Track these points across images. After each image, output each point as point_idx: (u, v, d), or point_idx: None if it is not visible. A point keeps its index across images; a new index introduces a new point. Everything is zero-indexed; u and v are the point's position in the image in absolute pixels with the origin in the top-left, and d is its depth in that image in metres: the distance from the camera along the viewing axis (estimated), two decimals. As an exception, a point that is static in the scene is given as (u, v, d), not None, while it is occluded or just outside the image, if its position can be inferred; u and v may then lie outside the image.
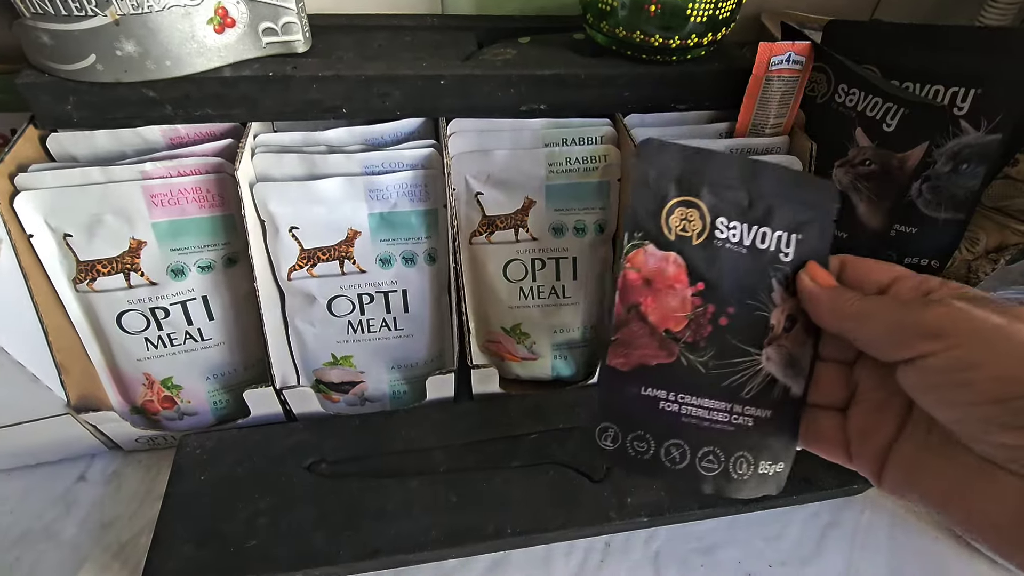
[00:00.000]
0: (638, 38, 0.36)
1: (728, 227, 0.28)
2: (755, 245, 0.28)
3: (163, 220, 0.34)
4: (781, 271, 0.28)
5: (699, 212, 0.28)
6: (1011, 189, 0.39)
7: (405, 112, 0.37)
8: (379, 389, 0.41)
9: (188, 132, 0.36)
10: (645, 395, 0.28)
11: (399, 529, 0.33)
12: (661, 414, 0.28)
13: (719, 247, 0.28)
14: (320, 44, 0.37)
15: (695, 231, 0.28)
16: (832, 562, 0.36)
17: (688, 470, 0.28)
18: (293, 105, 0.35)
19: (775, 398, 0.28)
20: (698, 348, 0.28)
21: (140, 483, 0.38)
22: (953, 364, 0.21)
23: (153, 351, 0.37)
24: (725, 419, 0.28)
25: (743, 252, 0.28)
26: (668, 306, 0.28)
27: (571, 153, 0.38)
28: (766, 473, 0.28)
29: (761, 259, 0.28)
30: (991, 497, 0.20)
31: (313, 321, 0.38)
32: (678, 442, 0.28)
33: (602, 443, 0.29)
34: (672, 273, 0.28)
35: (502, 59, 0.37)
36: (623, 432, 0.28)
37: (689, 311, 0.28)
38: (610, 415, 0.28)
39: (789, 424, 0.28)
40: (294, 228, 0.36)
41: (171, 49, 0.32)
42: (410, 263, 0.38)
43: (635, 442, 0.28)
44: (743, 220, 0.28)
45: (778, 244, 0.28)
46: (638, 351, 0.28)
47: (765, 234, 0.28)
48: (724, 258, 0.28)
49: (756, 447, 0.28)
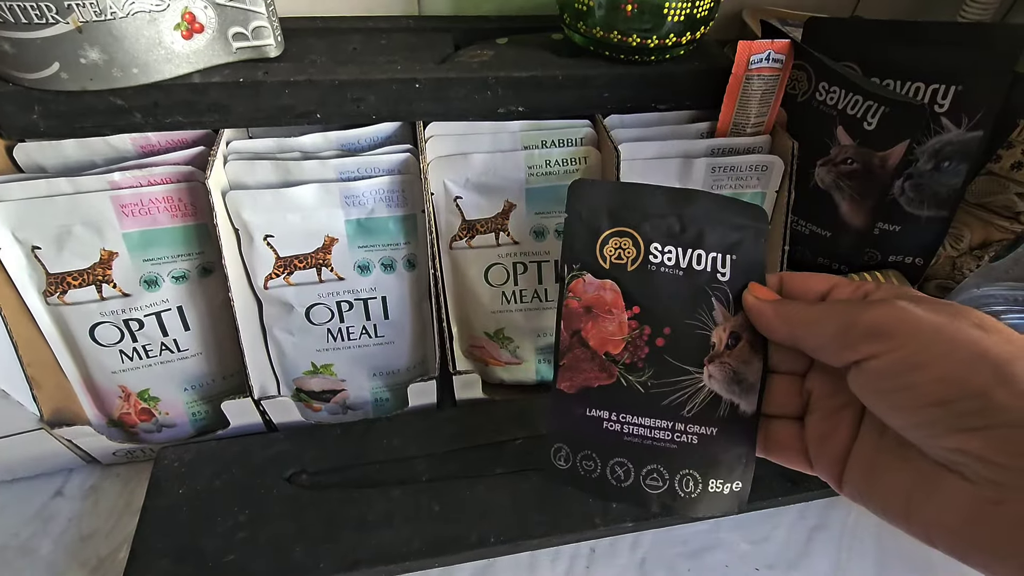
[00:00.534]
0: (616, 38, 0.35)
1: (662, 251, 0.29)
2: (691, 267, 0.29)
3: (134, 230, 0.34)
4: (720, 290, 0.29)
5: (632, 240, 0.30)
6: (994, 185, 0.39)
7: (380, 116, 0.36)
8: (361, 397, 0.41)
9: (159, 140, 0.35)
10: (590, 416, 0.29)
11: (381, 540, 0.33)
12: (605, 433, 0.29)
13: (654, 271, 0.29)
14: (293, 48, 0.36)
15: (629, 258, 0.29)
16: (819, 564, 0.36)
17: (633, 488, 0.29)
18: (265, 111, 0.35)
19: (721, 416, 0.28)
20: (636, 369, 0.29)
21: (118, 497, 0.38)
22: (896, 366, 0.21)
23: (128, 363, 0.36)
24: (668, 437, 0.29)
25: (679, 275, 0.29)
26: (606, 331, 0.29)
27: (551, 155, 0.38)
28: (718, 491, 0.28)
29: (698, 280, 0.29)
30: (943, 500, 0.20)
31: (292, 330, 0.38)
32: (622, 460, 0.29)
33: (556, 463, 0.30)
34: (609, 299, 0.29)
35: (479, 61, 0.37)
36: (573, 452, 0.29)
37: (626, 334, 0.29)
38: (561, 436, 0.29)
39: (740, 441, 0.28)
40: (269, 236, 0.35)
41: (138, 56, 0.31)
42: (389, 269, 0.38)
43: (584, 461, 0.29)
44: (676, 244, 0.29)
45: (714, 264, 0.29)
46: (581, 374, 0.29)
47: (700, 256, 0.29)
48: (659, 281, 0.29)
49: (703, 465, 0.28)
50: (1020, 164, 0.38)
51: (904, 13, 0.48)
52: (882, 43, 0.36)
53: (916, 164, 0.37)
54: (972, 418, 0.19)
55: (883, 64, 0.36)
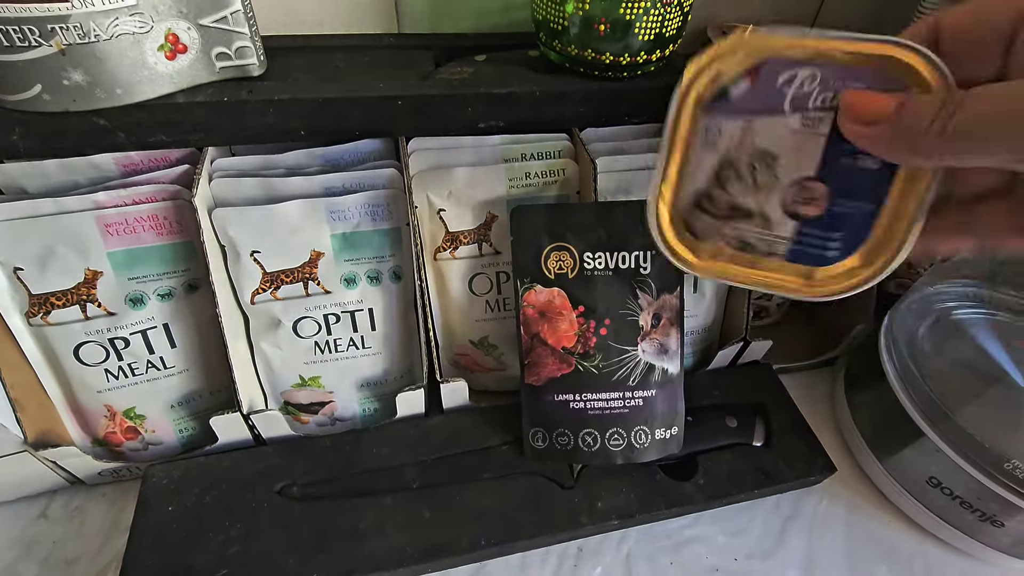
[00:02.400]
0: (590, 56, 0.37)
1: (594, 258, 0.36)
2: (618, 267, 0.36)
3: (119, 249, 0.34)
4: (643, 282, 0.36)
5: (569, 252, 0.36)
6: (943, 190, 0.42)
7: (364, 133, 0.37)
8: (349, 408, 0.41)
9: (142, 159, 0.36)
10: (557, 401, 0.37)
11: (373, 548, 0.34)
12: (572, 412, 0.37)
13: (590, 276, 0.36)
14: (276, 67, 0.37)
15: (568, 267, 0.36)
16: (793, 551, 0.38)
17: (601, 450, 0.36)
18: (250, 129, 0.35)
19: (656, 380, 0.37)
20: (589, 356, 0.36)
21: (104, 517, 0.37)
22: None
23: (114, 382, 0.36)
24: (620, 405, 0.36)
25: (609, 275, 0.36)
26: (560, 329, 0.36)
27: (530, 168, 0.39)
28: (663, 438, 0.37)
29: (625, 277, 0.36)
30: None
31: (279, 344, 0.38)
32: (590, 431, 0.37)
33: (534, 444, 0.38)
34: (558, 303, 0.36)
35: (459, 78, 0.38)
36: (548, 432, 0.37)
37: (576, 329, 0.36)
38: (536, 421, 0.37)
39: (673, 396, 0.37)
40: (255, 252, 0.36)
41: (121, 77, 0.31)
42: (375, 281, 0.38)
43: (559, 438, 0.37)
44: (605, 250, 0.36)
45: (637, 261, 0.36)
46: (545, 368, 0.37)
47: (624, 256, 0.36)
48: (595, 283, 0.36)
49: (649, 420, 0.37)
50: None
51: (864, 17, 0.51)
52: None
53: None
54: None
55: None
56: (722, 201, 0.23)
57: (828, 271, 0.22)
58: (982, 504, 0.36)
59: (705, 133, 0.22)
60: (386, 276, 0.39)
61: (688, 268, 0.24)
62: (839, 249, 0.22)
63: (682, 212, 0.23)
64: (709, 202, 0.23)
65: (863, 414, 0.43)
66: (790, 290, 0.22)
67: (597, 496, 0.36)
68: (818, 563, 0.38)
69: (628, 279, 0.36)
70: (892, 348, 0.41)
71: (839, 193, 0.22)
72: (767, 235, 0.23)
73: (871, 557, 0.38)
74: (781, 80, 0.21)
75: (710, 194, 0.23)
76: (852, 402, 0.44)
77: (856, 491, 0.42)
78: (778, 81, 0.21)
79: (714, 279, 0.24)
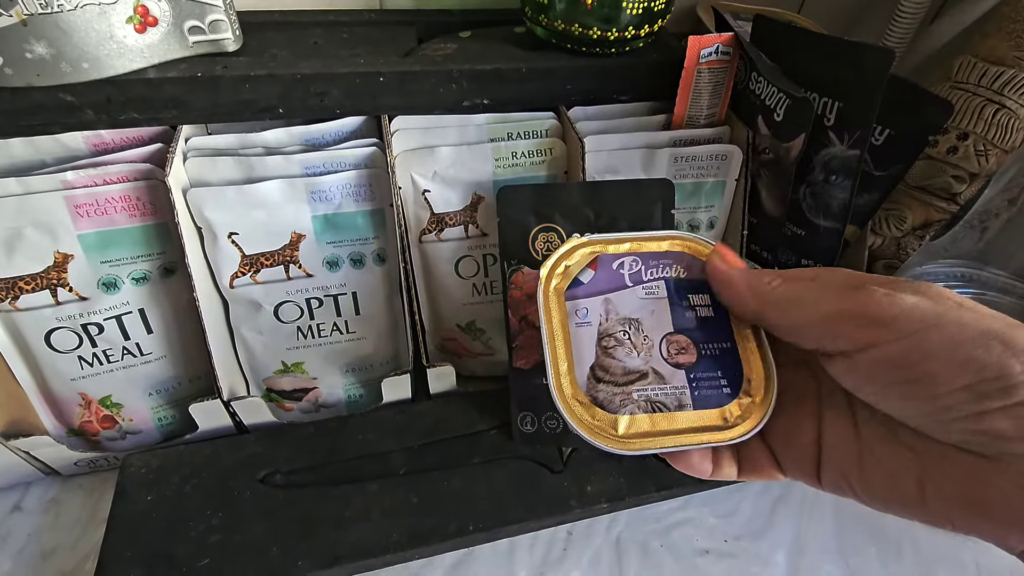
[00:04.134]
0: (576, 31, 0.36)
1: None
2: None
3: (90, 231, 0.33)
4: None
5: (556, 233, 0.35)
6: (933, 169, 0.42)
7: (344, 111, 0.36)
8: (334, 395, 0.41)
9: (113, 138, 0.34)
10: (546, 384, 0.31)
11: (359, 535, 0.33)
12: None
13: None
14: (252, 42, 0.35)
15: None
16: (783, 532, 0.38)
17: None
18: (225, 106, 0.34)
19: None
20: None
21: (81, 508, 0.36)
22: (906, 355, 0.19)
23: (88, 369, 0.35)
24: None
25: None
26: None
27: (517, 147, 0.38)
28: None
29: None
30: (965, 481, 0.19)
31: (260, 329, 0.37)
32: None
33: (523, 428, 0.36)
34: None
35: (442, 54, 0.37)
36: (537, 416, 0.36)
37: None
38: (524, 405, 0.36)
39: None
40: (233, 234, 0.34)
41: (88, 50, 0.30)
42: (359, 264, 0.38)
43: (547, 421, 0.36)
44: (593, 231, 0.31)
45: None
46: (534, 352, 0.35)
47: None
48: None
49: None
50: (955, 148, 0.40)
51: (846, 8, 0.51)
52: (797, 50, 0.36)
53: (813, 173, 0.38)
54: (994, 398, 0.18)
55: (794, 71, 0.36)
56: (615, 368, 0.25)
57: (734, 411, 0.24)
58: (970, 482, 0.35)
59: (575, 315, 0.26)
60: (370, 259, 0.38)
61: (617, 448, 0.24)
62: (729, 386, 0.25)
63: (586, 392, 0.25)
64: (605, 373, 0.25)
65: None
66: (716, 440, 0.24)
67: (586, 480, 0.36)
68: (807, 544, 0.38)
69: None
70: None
71: (698, 339, 0.26)
72: (667, 389, 0.25)
73: (860, 536, 0.38)
74: (615, 265, 0.27)
75: (603, 365, 0.25)
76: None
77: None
78: (613, 266, 0.27)
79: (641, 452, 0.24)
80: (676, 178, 0.40)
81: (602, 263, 0.27)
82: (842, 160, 0.36)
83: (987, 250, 0.43)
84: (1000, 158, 0.40)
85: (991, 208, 0.40)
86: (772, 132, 0.37)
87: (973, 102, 0.39)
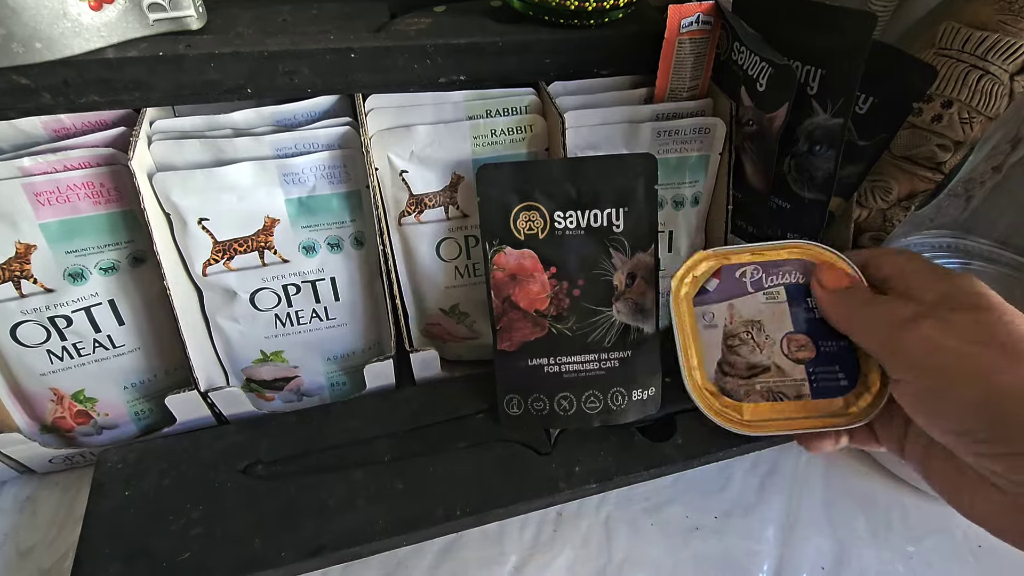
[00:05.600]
0: (554, 2, 0.35)
1: (564, 217, 0.35)
2: (590, 225, 0.35)
3: (52, 220, 0.31)
4: (616, 240, 0.35)
5: (539, 212, 0.34)
6: (917, 138, 0.41)
7: (316, 90, 0.35)
8: (316, 383, 0.40)
9: (73, 122, 0.33)
10: (532, 365, 0.35)
11: (344, 523, 0.32)
12: (547, 376, 0.35)
13: (561, 236, 0.35)
14: (217, 20, 0.34)
15: (539, 228, 0.34)
16: (773, 507, 0.38)
17: (577, 414, 0.35)
18: (190, 87, 0.33)
19: (632, 340, 0.35)
20: (562, 318, 0.35)
21: (58, 506, 0.36)
22: (923, 394, 0.24)
23: (58, 364, 0.34)
24: (596, 367, 0.35)
25: (581, 234, 0.35)
26: (532, 292, 0.35)
27: (496, 125, 0.37)
28: (641, 399, 0.36)
29: (597, 235, 0.35)
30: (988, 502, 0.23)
31: (236, 317, 0.36)
32: (566, 394, 0.35)
33: (509, 411, 0.36)
34: (529, 265, 0.35)
35: (416, 29, 0.36)
36: (524, 398, 0.36)
37: (549, 291, 0.35)
38: (510, 388, 0.36)
39: (649, 356, 0.36)
40: (204, 220, 0.33)
41: (40, 29, 0.29)
42: (336, 249, 0.37)
43: (534, 403, 0.36)
44: (575, 208, 0.34)
45: (609, 219, 0.35)
46: (518, 333, 0.35)
47: (596, 215, 0.35)
48: (567, 243, 0.35)
49: (626, 381, 0.35)
50: (940, 117, 0.40)
51: None
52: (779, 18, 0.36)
53: (797, 144, 0.37)
54: (995, 445, 0.21)
55: (777, 39, 0.35)
56: (740, 364, 0.30)
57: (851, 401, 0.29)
58: (957, 451, 0.36)
59: (703, 318, 0.31)
60: (347, 243, 0.37)
61: (742, 430, 0.29)
62: (846, 378, 0.29)
63: (715, 383, 0.30)
64: (731, 368, 0.30)
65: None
66: (834, 424, 0.29)
67: (574, 461, 0.36)
68: (797, 517, 0.38)
69: (601, 238, 0.35)
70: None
71: (817, 338, 0.30)
72: (787, 381, 0.30)
73: (849, 509, 0.38)
74: (737, 275, 0.31)
75: (728, 361, 0.30)
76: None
77: (834, 445, 0.41)
78: (735, 275, 0.31)
79: (765, 433, 0.29)
80: (659, 153, 0.39)
81: (725, 273, 0.32)
82: (826, 129, 0.35)
83: (972, 219, 0.43)
84: (984, 125, 0.39)
85: (975, 176, 0.40)
86: (755, 103, 0.37)
87: (957, 68, 0.38)
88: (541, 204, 0.35)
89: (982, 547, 0.37)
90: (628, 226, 0.35)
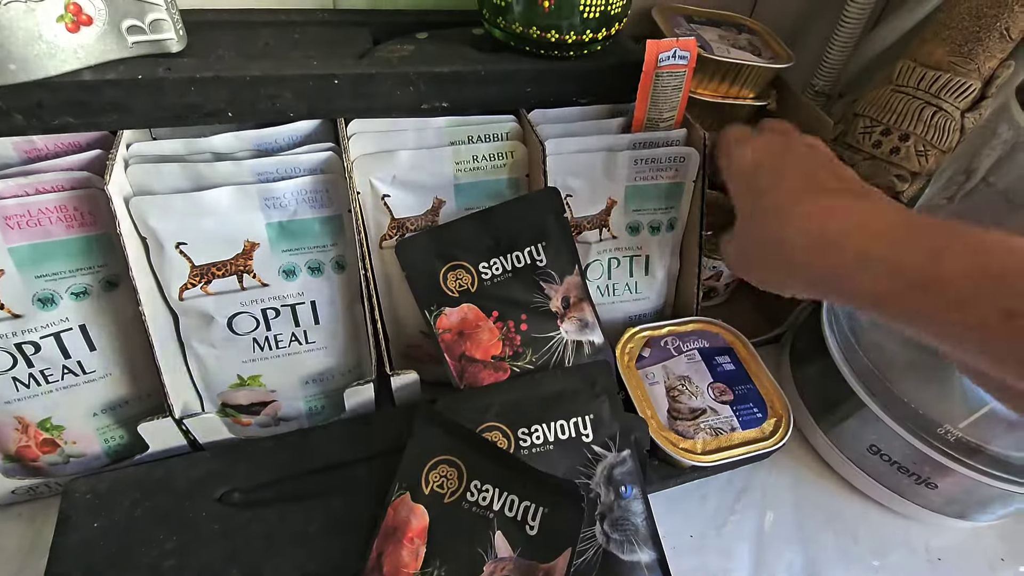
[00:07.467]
0: (535, 34, 0.36)
1: (490, 266, 0.37)
2: (515, 267, 0.37)
3: (22, 244, 0.31)
4: (543, 272, 0.37)
5: (464, 268, 0.37)
6: (877, 169, 0.43)
7: (299, 114, 0.35)
8: (294, 407, 0.39)
9: (47, 144, 0.32)
10: None
11: (327, 551, 0.32)
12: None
13: (490, 284, 0.37)
14: (197, 43, 0.34)
15: (468, 283, 0.37)
16: (746, 525, 0.39)
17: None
18: (169, 110, 0.32)
19: (587, 353, 0.38)
20: (520, 355, 0.37)
21: (22, 538, 0.34)
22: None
23: (24, 391, 0.33)
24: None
25: (510, 276, 0.37)
26: (483, 341, 0.36)
27: (477, 151, 0.38)
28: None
29: (524, 274, 0.37)
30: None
31: (213, 342, 0.36)
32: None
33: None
34: (472, 317, 0.36)
35: (399, 56, 0.36)
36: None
37: (499, 335, 0.36)
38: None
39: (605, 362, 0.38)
40: (181, 244, 0.33)
41: (14, 51, 0.28)
42: (317, 272, 0.36)
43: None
44: (497, 255, 0.37)
45: (532, 256, 0.37)
46: (483, 383, 0.36)
47: (518, 256, 0.37)
48: (499, 288, 0.37)
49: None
50: (897, 149, 0.42)
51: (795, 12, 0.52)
52: None
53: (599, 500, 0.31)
54: None
55: None
56: (684, 409, 0.38)
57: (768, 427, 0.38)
58: (917, 468, 0.37)
59: (647, 379, 0.39)
60: (328, 266, 0.37)
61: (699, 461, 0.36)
62: (759, 410, 0.38)
63: (668, 427, 0.37)
64: (678, 413, 0.37)
65: (808, 388, 0.44)
66: (764, 448, 0.37)
67: (555, 483, 0.36)
68: (769, 534, 0.39)
69: (528, 275, 0.37)
70: (834, 323, 0.42)
71: (731, 384, 0.39)
72: (722, 418, 0.37)
73: (818, 525, 0.40)
74: (662, 344, 0.41)
75: (675, 408, 0.38)
76: (797, 377, 0.45)
77: (802, 462, 0.43)
78: (661, 344, 0.41)
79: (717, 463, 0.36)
80: (636, 180, 0.40)
81: (653, 343, 0.41)
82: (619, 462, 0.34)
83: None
84: (939, 158, 0.41)
85: (931, 205, 0.42)
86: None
87: (913, 104, 0.41)
88: (465, 261, 0.36)
89: (941, 560, 0.39)
90: (550, 257, 0.37)
